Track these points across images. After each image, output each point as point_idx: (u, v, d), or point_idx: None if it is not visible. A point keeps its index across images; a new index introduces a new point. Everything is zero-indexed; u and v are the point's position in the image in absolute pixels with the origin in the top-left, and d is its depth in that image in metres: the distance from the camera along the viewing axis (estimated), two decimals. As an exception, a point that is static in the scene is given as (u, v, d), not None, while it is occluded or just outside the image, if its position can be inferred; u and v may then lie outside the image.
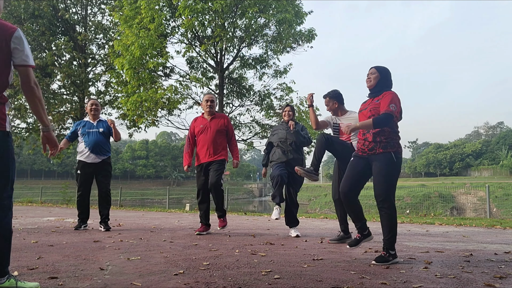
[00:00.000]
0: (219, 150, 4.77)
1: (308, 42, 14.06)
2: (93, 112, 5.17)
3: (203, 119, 4.89)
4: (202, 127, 4.79)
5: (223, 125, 4.85)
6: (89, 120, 5.21)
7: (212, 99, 4.86)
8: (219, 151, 4.77)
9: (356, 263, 2.91)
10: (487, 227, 6.31)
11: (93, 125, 5.14)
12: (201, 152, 4.79)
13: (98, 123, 5.18)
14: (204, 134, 4.77)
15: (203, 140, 4.76)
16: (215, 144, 4.74)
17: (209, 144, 4.72)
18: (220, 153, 4.76)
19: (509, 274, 2.57)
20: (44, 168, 70.59)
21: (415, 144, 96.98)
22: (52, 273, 2.39)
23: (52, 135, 2.17)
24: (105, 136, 5.17)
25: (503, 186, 23.39)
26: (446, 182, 36.67)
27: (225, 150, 4.86)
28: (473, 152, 73.98)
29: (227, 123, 4.90)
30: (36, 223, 6.15)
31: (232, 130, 4.98)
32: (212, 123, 4.80)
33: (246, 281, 2.27)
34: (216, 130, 4.77)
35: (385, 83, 3.19)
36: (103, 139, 5.12)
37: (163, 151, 77.40)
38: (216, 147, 4.74)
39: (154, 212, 10.51)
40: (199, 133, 4.81)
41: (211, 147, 4.73)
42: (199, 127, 4.82)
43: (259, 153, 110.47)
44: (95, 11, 17.75)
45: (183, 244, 3.82)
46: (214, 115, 4.88)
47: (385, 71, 3.24)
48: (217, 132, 4.77)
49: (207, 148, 4.73)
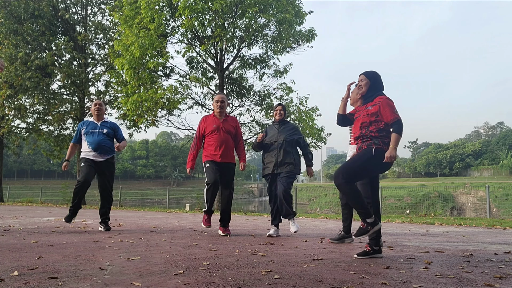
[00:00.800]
0: (231, 152, 4.85)
1: (308, 42, 14.07)
2: (96, 113, 5.15)
3: (215, 118, 4.84)
4: (215, 127, 4.77)
5: (234, 128, 4.90)
6: (93, 120, 5.20)
7: (222, 99, 4.83)
8: (230, 153, 4.84)
9: (356, 263, 2.91)
10: (487, 227, 6.31)
11: (97, 125, 5.13)
12: (214, 151, 4.72)
13: (102, 123, 5.17)
14: (217, 134, 4.75)
15: (217, 140, 4.73)
16: (227, 145, 4.77)
17: (222, 145, 4.73)
18: (231, 155, 4.85)
19: (509, 274, 2.57)
20: (44, 168, 70.63)
21: (415, 144, 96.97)
22: (52, 273, 2.39)
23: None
24: (109, 137, 5.14)
25: (503, 186, 23.40)
26: (446, 182, 36.71)
27: (234, 153, 4.94)
28: (473, 152, 74.02)
29: (237, 126, 4.96)
30: (36, 223, 6.15)
31: (240, 133, 5.03)
32: (225, 124, 4.81)
33: (246, 281, 2.27)
34: (229, 132, 4.81)
35: (376, 87, 3.28)
36: (106, 139, 5.09)
37: (163, 151, 77.45)
38: (228, 149, 4.79)
39: (154, 212, 10.51)
40: (211, 132, 4.77)
41: (224, 148, 4.74)
42: (212, 127, 4.77)
43: (259, 153, 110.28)
44: (95, 11, 17.79)
45: (183, 244, 3.82)
46: (226, 117, 4.91)
47: (373, 75, 3.31)
48: (229, 133, 4.81)
49: (221, 149, 4.72)
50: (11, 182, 53.93)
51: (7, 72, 14.88)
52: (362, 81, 3.30)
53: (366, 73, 3.32)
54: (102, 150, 5.05)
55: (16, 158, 61.30)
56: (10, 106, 16.14)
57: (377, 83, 3.28)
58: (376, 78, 3.30)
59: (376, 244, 3.13)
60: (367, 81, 3.28)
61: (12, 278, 2.25)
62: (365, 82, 3.29)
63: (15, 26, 15.38)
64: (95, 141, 5.01)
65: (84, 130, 5.11)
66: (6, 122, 16.41)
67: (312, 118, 14.04)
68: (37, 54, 15.47)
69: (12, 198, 22.16)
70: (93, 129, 5.08)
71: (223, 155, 4.73)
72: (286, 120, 4.99)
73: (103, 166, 5.11)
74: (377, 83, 3.29)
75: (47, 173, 71.42)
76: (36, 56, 15.24)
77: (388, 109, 3.11)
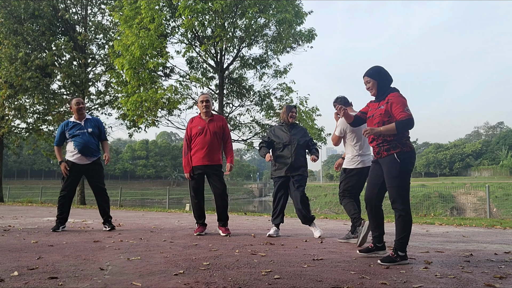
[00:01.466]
0: (217, 154, 4.76)
1: (308, 42, 14.07)
2: (79, 113, 4.98)
3: (200, 120, 4.78)
4: (200, 128, 4.70)
5: (221, 127, 4.80)
6: (76, 120, 4.99)
7: (207, 99, 4.75)
8: (216, 155, 4.76)
9: (356, 263, 2.91)
10: (487, 227, 6.30)
11: (81, 125, 4.96)
12: (198, 154, 4.69)
13: (86, 122, 5.01)
14: (202, 136, 4.68)
15: (202, 142, 4.67)
16: (212, 147, 4.69)
17: (207, 147, 4.66)
18: (217, 158, 4.77)
19: (509, 274, 2.57)
20: (44, 168, 70.61)
21: (415, 144, 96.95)
22: (52, 273, 2.38)
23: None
24: (94, 136, 5.02)
25: (503, 186, 23.40)
26: (446, 182, 36.67)
27: (220, 153, 4.87)
28: (473, 152, 74.01)
29: (224, 126, 4.85)
30: (36, 223, 6.15)
31: (228, 132, 4.92)
32: (210, 125, 4.72)
33: (246, 281, 2.27)
34: (214, 133, 4.71)
35: (385, 84, 3.14)
36: (92, 140, 4.97)
37: (163, 151, 77.42)
38: (214, 151, 4.71)
39: (154, 212, 10.51)
40: (196, 134, 4.71)
41: (210, 150, 4.67)
42: (197, 128, 4.71)
43: (259, 153, 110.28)
44: (95, 11, 17.77)
45: (183, 244, 3.82)
46: (212, 116, 4.81)
47: (378, 73, 3.15)
48: (215, 134, 4.72)
49: (205, 151, 4.66)
50: (11, 182, 53.91)
51: (7, 72, 14.87)
52: (369, 82, 3.16)
53: (370, 74, 3.16)
54: (88, 152, 4.92)
55: (16, 158, 61.27)
56: (10, 106, 16.14)
57: (384, 79, 3.13)
58: (381, 74, 3.14)
59: (402, 249, 2.96)
60: (373, 81, 3.14)
61: (12, 278, 2.25)
62: (371, 83, 3.15)
63: (15, 26, 15.37)
64: (81, 143, 4.87)
65: (69, 132, 4.93)
66: (6, 122, 16.40)
67: (312, 118, 14.05)
68: (37, 54, 15.45)
69: (12, 198, 22.15)
70: (79, 130, 4.92)
71: (207, 157, 4.66)
72: (295, 122, 4.95)
73: (89, 168, 4.98)
74: (384, 79, 3.13)
75: (47, 173, 71.38)
76: (36, 56, 15.23)
77: (399, 106, 2.95)
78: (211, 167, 4.71)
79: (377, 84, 3.14)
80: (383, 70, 3.17)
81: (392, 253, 2.94)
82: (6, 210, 10.22)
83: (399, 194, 2.97)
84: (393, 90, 3.12)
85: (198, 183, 4.77)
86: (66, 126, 4.99)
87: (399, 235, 2.95)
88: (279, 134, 4.79)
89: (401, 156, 2.97)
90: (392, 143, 3.00)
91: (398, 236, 2.96)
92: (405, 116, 2.91)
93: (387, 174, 3.03)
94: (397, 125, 2.93)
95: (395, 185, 2.97)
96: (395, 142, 2.99)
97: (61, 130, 5.00)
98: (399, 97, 3.01)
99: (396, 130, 2.94)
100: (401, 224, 2.96)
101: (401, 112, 2.93)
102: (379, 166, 3.14)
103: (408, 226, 2.96)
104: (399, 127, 2.93)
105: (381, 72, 3.16)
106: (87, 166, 4.97)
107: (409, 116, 2.92)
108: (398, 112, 2.94)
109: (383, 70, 3.17)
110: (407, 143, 3.02)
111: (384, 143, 3.04)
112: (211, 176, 4.73)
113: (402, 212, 2.96)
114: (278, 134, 4.79)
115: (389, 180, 3.01)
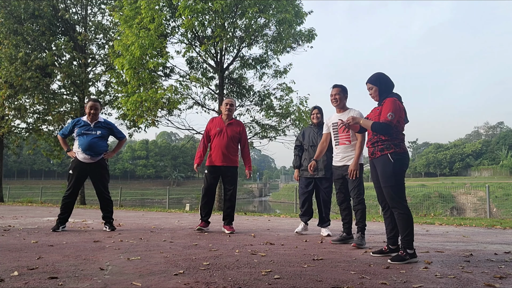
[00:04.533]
0: (232, 156, 4.95)
1: (308, 42, 14.07)
2: (91, 116, 4.99)
3: (221, 121, 4.99)
4: (219, 130, 4.92)
5: (238, 133, 4.99)
6: (87, 121, 5.00)
7: (232, 103, 5.01)
8: (232, 157, 4.95)
9: (356, 263, 2.91)
10: (487, 227, 6.31)
11: (90, 127, 4.96)
12: (214, 155, 4.91)
13: (96, 125, 5.00)
14: (219, 137, 4.89)
15: (218, 143, 4.89)
16: (228, 149, 4.90)
17: (223, 149, 4.87)
18: (233, 160, 4.96)
19: (509, 274, 2.57)
20: (44, 168, 70.58)
21: (415, 144, 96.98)
22: (52, 273, 2.38)
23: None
24: (102, 138, 5.01)
25: (503, 186, 23.42)
26: (446, 182, 36.69)
27: (237, 156, 5.05)
28: (473, 152, 73.97)
29: (242, 131, 5.04)
30: (36, 223, 6.15)
31: (245, 138, 5.10)
32: (228, 128, 4.94)
33: (246, 281, 2.27)
34: (231, 136, 4.92)
35: (385, 90, 3.22)
36: (98, 140, 4.95)
37: (163, 151, 77.38)
38: (229, 153, 4.91)
39: (154, 212, 10.51)
40: (214, 135, 4.93)
41: (225, 152, 4.88)
42: (216, 130, 4.94)
43: (259, 153, 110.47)
44: (95, 11, 17.78)
45: (183, 244, 3.82)
46: (232, 120, 5.02)
47: (378, 79, 3.24)
48: (232, 138, 4.93)
49: (221, 152, 4.87)
50: (11, 182, 53.92)
51: (7, 72, 14.87)
52: (371, 89, 3.26)
53: (371, 80, 3.26)
54: (92, 151, 4.90)
55: (16, 158, 61.22)
56: (10, 106, 16.14)
57: (385, 85, 3.22)
58: (382, 80, 3.23)
59: (409, 247, 3.00)
60: (374, 88, 3.23)
61: (12, 278, 2.25)
62: (373, 89, 3.24)
63: (15, 26, 15.37)
64: (86, 142, 4.86)
65: (77, 131, 4.94)
66: (6, 122, 16.41)
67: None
68: (37, 54, 15.45)
69: (12, 198, 22.16)
70: (86, 131, 4.92)
71: (223, 158, 4.86)
72: (322, 123, 4.93)
73: (94, 168, 4.98)
74: (385, 85, 3.22)
75: (47, 173, 71.35)
76: (36, 56, 15.23)
77: (386, 110, 3.03)
78: (226, 168, 4.92)
79: (378, 90, 3.23)
80: (383, 76, 3.26)
81: (402, 251, 2.99)
82: (6, 210, 10.22)
83: (395, 193, 3.04)
84: (392, 95, 3.19)
85: (212, 182, 4.95)
86: (77, 122, 5.01)
87: (403, 233, 3.01)
88: (308, 134, 4.90)
89: (395, 157, 3.05)
90: (386, 143, 3.08)
91: (402, 235, 3.02)
92: (385, 121, 3.03)
93: (381, 174, 3.10)
94: (374, 124, 3.07)
95: (390, 185, 3.05)
96: (389, 142, 3.07)
97: (71, 125, 5.04)
98: (391, 102, 3.08)
99: (370, 128, 3.09)
100: (402, 222, 3.02)
101: (385, 116, 3.04)
102: (374, 167, 3.23)
103: (410, 223, 3.01)
104: (374, 127, 3.07)
105: (381, 78, 3.25)
106: (92, 165, 4.97)
107: (388, 122, 3.01)
108: (383, 114, 3.05)
109: (383, 76, 3.26)
110: (401, 145, 3.10)
111: (378, 142, 3.12)
112: (226, 177, 4.94)
113: (401, 210, 3.02)
114: (307, 135, 4.90)
115: (384, 179, 3.09)
